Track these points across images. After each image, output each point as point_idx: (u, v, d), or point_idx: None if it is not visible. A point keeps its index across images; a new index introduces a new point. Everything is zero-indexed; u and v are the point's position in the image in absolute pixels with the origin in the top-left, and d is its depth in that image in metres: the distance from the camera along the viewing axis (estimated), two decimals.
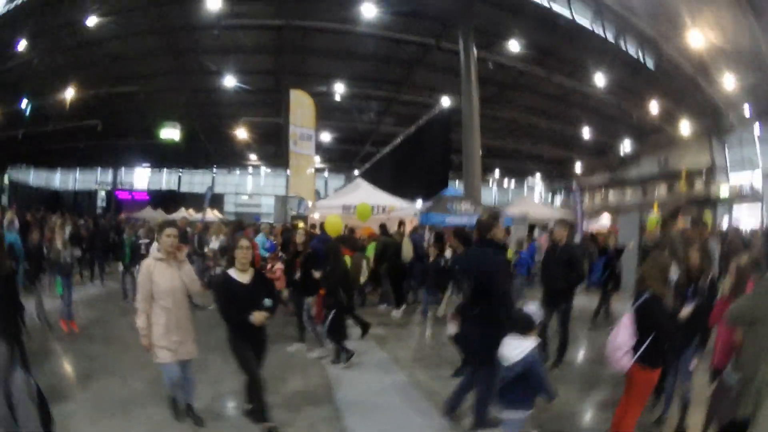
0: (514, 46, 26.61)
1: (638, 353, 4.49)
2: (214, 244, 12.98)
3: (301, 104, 14.99)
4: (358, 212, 15.65)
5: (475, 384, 5.41)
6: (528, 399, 4.49)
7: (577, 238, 19.99)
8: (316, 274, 7.97)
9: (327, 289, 7.87)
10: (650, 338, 4.50)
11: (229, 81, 29.69)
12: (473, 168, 22.46)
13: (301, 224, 17.21)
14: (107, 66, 28.78)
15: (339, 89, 31.19)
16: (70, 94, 28.31)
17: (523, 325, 4.47)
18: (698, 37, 24.44)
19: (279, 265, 10.41)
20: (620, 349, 4.53)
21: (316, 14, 25.14)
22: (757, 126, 34.18)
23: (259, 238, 13.12)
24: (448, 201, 16.67)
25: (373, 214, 14.67)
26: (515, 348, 4.37)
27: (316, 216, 16.14)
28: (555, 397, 4.64)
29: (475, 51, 23.69)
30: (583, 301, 11.67)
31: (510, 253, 15.49)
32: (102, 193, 48.29)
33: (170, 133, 32.21)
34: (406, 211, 15.34)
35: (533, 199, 23.13)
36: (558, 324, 7.96)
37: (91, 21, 23.29)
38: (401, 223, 16.37)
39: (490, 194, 55.78)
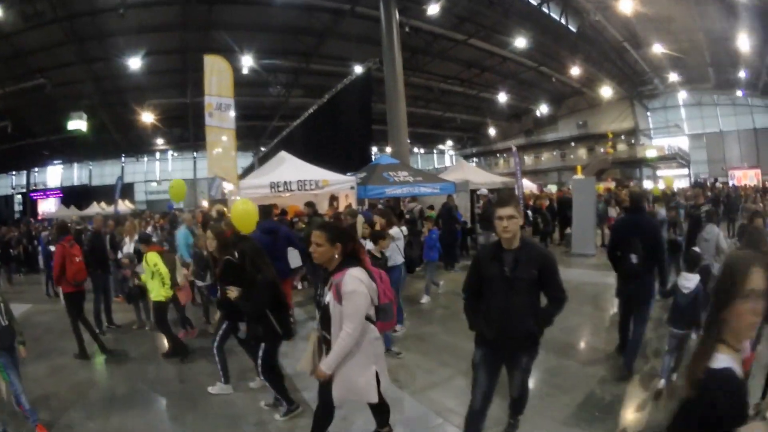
0: (431, 10, 24.76)
1: None
2: (129, 246, 10.50)
3: (217, 71, 12.54)
4: (172, 191, 14.12)
5: (636, 324, 6.33)
6: (696, 318, 5.52)
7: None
8: (232, 294, 5.43)
9: (250, 314, 5.48)
10: None
11: (134, 63, 26.56)
12: (400, 136, 20.75)
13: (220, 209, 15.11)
14: (9, 62, 25.46)
15: (246, 63, 28.48)
16: None
17: (694, 264, 5.88)
18: (626, 4, 23.50)
19: (183, 271, 8.43)
20: None
21: None
22: (683, 93, 35.11)
23: (182, 234, 10.78)
24: (383, 170, 14.79)
25: (305, 189, 12.61)
26: (690, 281, 5.68)
27: (237, 199, 13.94)
28: None
29: (397, 14, 21.95)
30: None
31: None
32: (18, 197, 44.35)
33: (78, 124, 29.30)
34: (342, 185, 13.35)
35: (467, 166, 21.28)
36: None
37: None
38: (334, 199, 14.46)
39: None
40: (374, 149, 32.02)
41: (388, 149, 22.93)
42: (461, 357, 6.26)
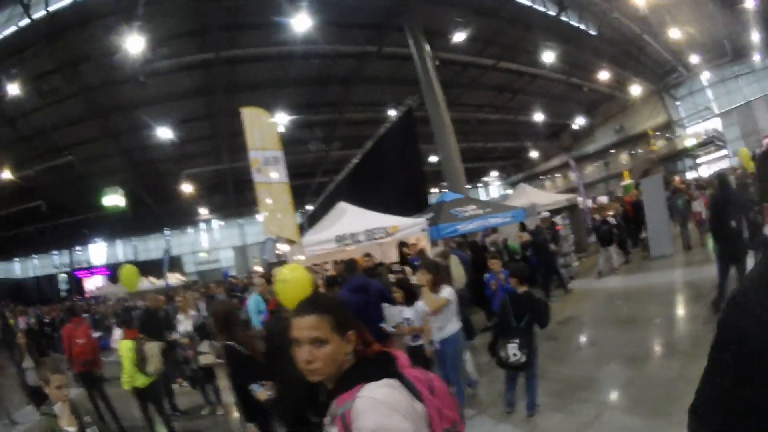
0: (456, 39, 23.72)
1: None
2: (186, 323, 9.36)
3: (258, 124, 11.38)
4: (123, 278, 12.15)
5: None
6: None
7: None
8: (260, 395, 4.04)
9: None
10: None
11: (163, 133, 25.91)
12: (456, 170, 19.64)
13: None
14: (34, 141, 25.10)
15: (279, 120, 27.68)
16: (2, 176, 24.33)
17: None
18: None
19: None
20: None
21: (243, 41, 21.68)
22: (706, 74, 33.84)
23: (253, 301, 9.74)
24: (450, 207, 13.46)
25: (374, 238, 11.33)
26: None
27: (301, 258, 12.69)
28: None
29: (428, 48, 21.06)
30: None
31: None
32: (63, 276, 43.31)
33: (114, 199, 28.00)
34: (412, 229, 12.03)
35: (530, 189, 19.80)
36: None
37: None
38: (404, 245, 13.15)
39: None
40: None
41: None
42: None
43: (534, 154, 47.32)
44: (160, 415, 7.43)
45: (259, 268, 31.23)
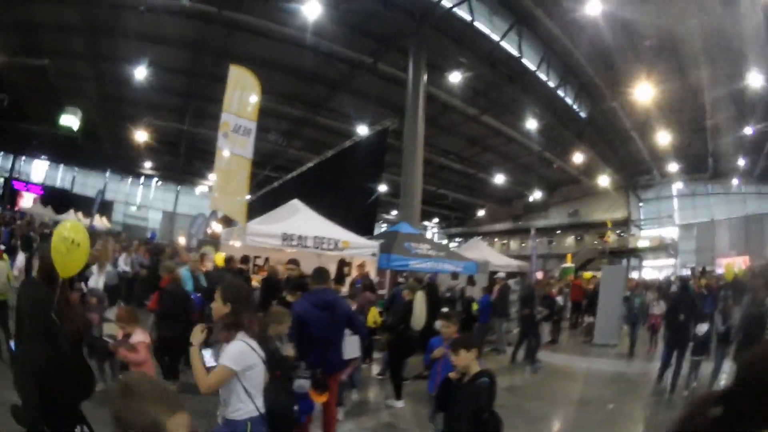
0: (452, 79, 23.03)
1: None
2: (99, 279, 7.89)
3: (241, 86, 10.15)
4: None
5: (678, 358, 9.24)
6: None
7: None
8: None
9: None
10: None
11: (140, 73, 24.09)
12: (413, 205, 18.67)
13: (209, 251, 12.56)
14: (20, 31, 22.96)
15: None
16: None
17: None
18: (643, 92, 22.16)
19: (140, 337, 5.46)
20: None
21: (250, 7, 20.19)
22: (678, 184, 34.50)
23: (182, 275, 8.43)
24: (404, 239, 12.42)
25: (322, 248, 10.18)
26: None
27: (236, 244, 11.38)
28: None
29: (425, 78, 20.23)
30: None
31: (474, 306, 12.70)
32: (0, 180, 40.24)
33: (70, 120, 26.20)
34: (363, 250, 10.96)
35: (483, 245, 19.08)
36: None
37: None
38: (344, 264, 12.05)
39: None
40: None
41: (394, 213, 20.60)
42: None
43: (481, 212, 47.14)
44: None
45: (182, 240, 29.56)
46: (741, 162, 29.44)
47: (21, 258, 12.27)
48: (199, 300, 8.13)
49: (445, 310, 8.39)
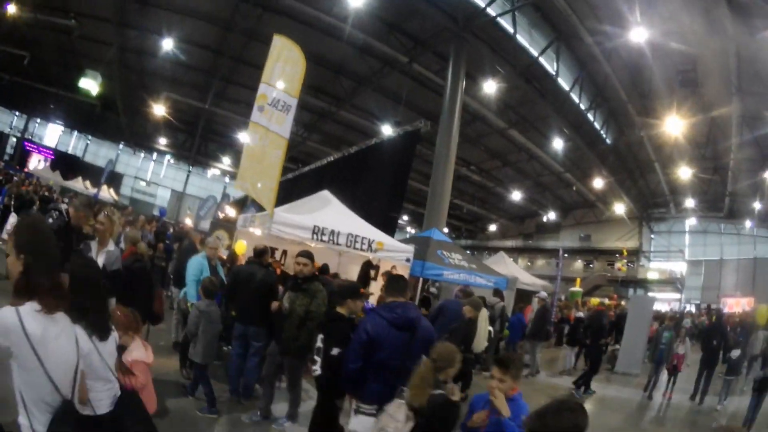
0: (486, 89, 22.05)
1: None
2: (99, 254, 6.57)
3: (285, 58, 8.95)
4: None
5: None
6: None
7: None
8: None
9: None
10: None
11: (167, 44, 23.02)
12: (440, 211, 17.55)
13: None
14: None
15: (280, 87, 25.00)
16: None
17: None
18: (672, 123, 21.68)
19: (139, 353, 4.00)
20: None
21: None
22: (692, 219, 33.87)
23: (195, 264, 7.19)
24: (438, 247, 11.22)
25: (355, 247, 8.90)
26: None
27: (256, 232, 10.16)
28: None
29: (463, 84, 19.11)
30: None
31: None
32: (13, 140, 39.19)
33: (89, 84, 24.82)
34: (398, 254, 9.70)
35: (509, 260, 17.87)
36: None
37: None
38: (370, 267, 10.83)
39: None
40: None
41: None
42: None
43: (492, 227, 45.94)
44: None
45: (188, 221, 28.42)
46: (756, 205, 28.69)
47: (13, 220, 10.96)
48: (219, 299, 6.65)
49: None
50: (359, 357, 3.88)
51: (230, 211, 20.68)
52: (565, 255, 41.04)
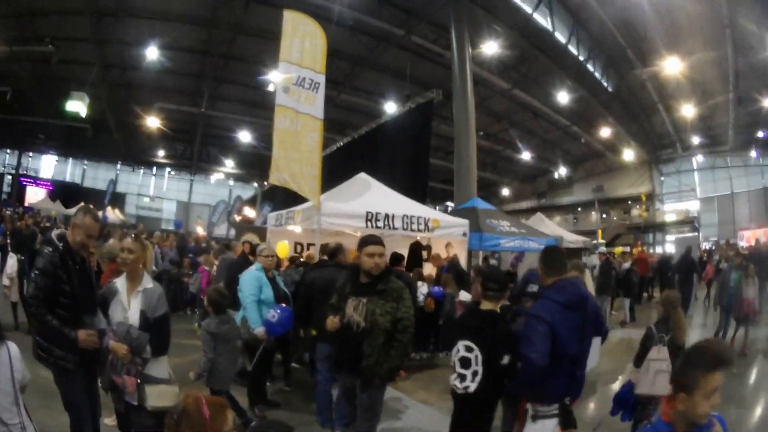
0: (487, 50, 21.04)
1: None
2: (130, 301, 4.25)
3: (302, 33, 7.96)
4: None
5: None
6: None
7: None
8: None
9: None
10: None
11: (151, 53, 21.93)
12: (469, 180, 16.68)
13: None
14: (21, 20, 20.83)
15: (273, 78, 23.93)
16: None
17: None
18: (672, 63, 21.28)
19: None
20: None
21: None
22: (699, 157, 33.12)
23: (251, 278, 5.62)
24: (485, 216, 10.35)
25: (411, 229, 8.07)
26: None
27: (296, 230, 9.20)
28: None
29: (470, 49, 18.22)
30: None
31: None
32: (8, 178, 37.86)
33: (77, 106, 23.92)
34: (455, 229, 8.79)
35: (547, 220, 17.06)
36: None
37: None
38: (420, 248, 9.95)
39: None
40: None
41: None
42: None
43: (505, 191, 45.01)
44: None
45: (200, 230, 27.45)
46: (760, 134, 27.84)
47: (12, 262, 8.51)
48: (288, 317, 5.40)
49: None
50: (547, 352, 3.20)
51: (249, 212, 19.76)
52: (579, 209, 40.39)
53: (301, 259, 8.55)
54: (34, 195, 35.54)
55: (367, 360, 3.84)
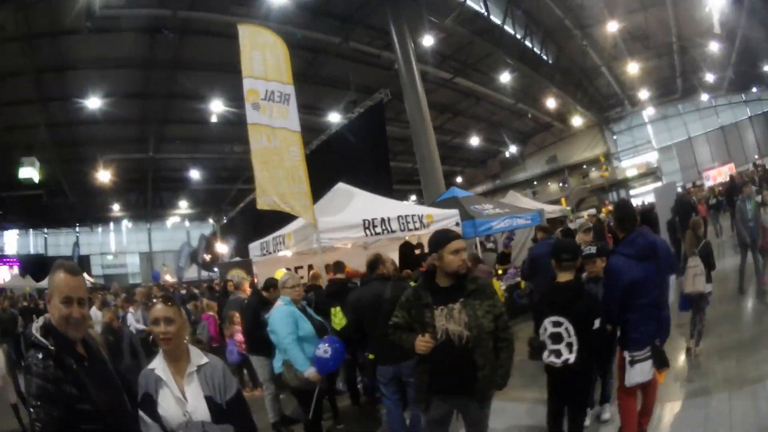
0: (425, 43, 20.98)
1: None
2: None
3: (261, 45, 7.72)
4: None
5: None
6: None
7: None
8: None
9: None
10: None
11: (93, 104, 21.20)
12: (435, 175, 16.87)
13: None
14: None
15: (215, 109, 23.38)
16: None
17: None
18: (611, 25, 22.13)
19: None
20: None
21: (204, 4, 17.37)
22: (649, 110, 34.09)
23: (284, 313, 4.89)
24: (468, 203, 10.31)
25: (408, 229, 7.89)
26: None
27: (287, 254, 8.90)
28: None
29: (412, 44, 18.25)
30: None
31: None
32: None
33: (29, 172, 23.41)
34: (449, 220, 8.57)
35: (519, 196, 17.19)
36: None
37: None
38: (412, 248, 9.72)
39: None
40: None
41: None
42: None
43: (459, 179, 45.40)
44: None
45: (168, 278, 26.64)
46: (709, 77, 28.86)
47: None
48: (341, 348, 4.75)
49: None
50: (618, 303, 3.73)
51: (223, 247, 19.30)
52: (535, 182, 41.05)
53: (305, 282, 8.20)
54: (2, 275, 33.44)
55: (482, 371, 3.28)
